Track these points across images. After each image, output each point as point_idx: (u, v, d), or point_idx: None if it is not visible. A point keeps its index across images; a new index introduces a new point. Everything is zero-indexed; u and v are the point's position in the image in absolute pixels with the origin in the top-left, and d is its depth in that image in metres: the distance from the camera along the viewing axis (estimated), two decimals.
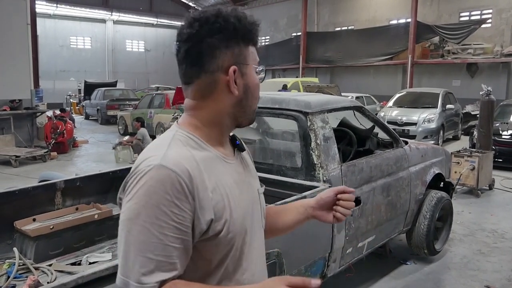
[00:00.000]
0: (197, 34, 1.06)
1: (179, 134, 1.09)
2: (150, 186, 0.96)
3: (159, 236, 0.95)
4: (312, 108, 3.20)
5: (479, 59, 17.86)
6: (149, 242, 0.95)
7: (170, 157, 1.00)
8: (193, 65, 1.08)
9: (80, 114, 22.11)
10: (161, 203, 0.95)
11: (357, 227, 3.29)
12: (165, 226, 0.95)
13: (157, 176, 0.97)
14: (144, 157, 1.03)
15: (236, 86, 1.09)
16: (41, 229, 3.04)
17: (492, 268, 4.31)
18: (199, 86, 1.10)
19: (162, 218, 0.95)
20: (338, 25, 24.41)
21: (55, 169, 8.74)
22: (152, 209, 0.95)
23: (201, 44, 1.06)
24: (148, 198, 0.96)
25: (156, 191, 0.96)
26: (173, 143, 1.06)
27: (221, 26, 1.06)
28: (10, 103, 10.82)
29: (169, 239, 0.96)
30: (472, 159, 6.95)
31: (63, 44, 30.45)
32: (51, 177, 4.41)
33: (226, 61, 1.07)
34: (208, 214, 1.01)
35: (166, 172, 0.97)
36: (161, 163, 0.98)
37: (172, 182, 0.97)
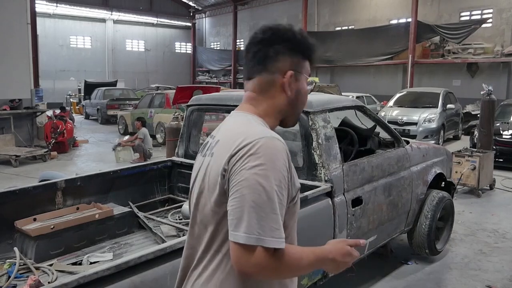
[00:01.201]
0: (268, 40, 1.29)
1: (255, 118, 1.29)
2: (272, 154, 1.14)
3: (281, 197, 1.13)
4: (313, 108, 3.19)
5: (480, 59, 17.85)
6: (277, 201, 1.11)
7: (270, 132, 1.21)
8: (259, 64, 1.30)
9: (80, 114, 22.10)
10: (282, 168, 1.14)
11: (359, 226, 3.29)
12: (284, 188, 1.14)
13: (275, 146, 1.15)
14: (247, 133, 1.19)
15: (290, 89, 1.30)
16: (41, 229, 3.03)
17: (493, 268, 4.30)
18: (259, 81, 1.32)
19: (283, 181, 1.14)
20: (338, 24, 24.40)
21: (55, 168, 8.73)
22: (277, 173, 1.13)
23: (270, 48, 1.29)
24: (273, 163, 1.13)
25: (278, 158, 1.14)
26: (258, 123, 1.26)
27: (289, 37, 1.30)
28: (10, 102, 10.80)
29: (284, 199, 1.15)
30: (473, 159, 6.94)
31: (63, 44, 30.43)
32: (52, 177, 4.42)
33: (286, 66, 1.30)
34: (297, 181, 1.24)
35: (279, 143, 1.17)
36: (273, 135, 1.18)
37: (286, 152, 1.18)
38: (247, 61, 1.34)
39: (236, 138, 1.19)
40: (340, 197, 3.10)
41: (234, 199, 1.11)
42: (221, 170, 1.17)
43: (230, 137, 1.22)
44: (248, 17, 29.85)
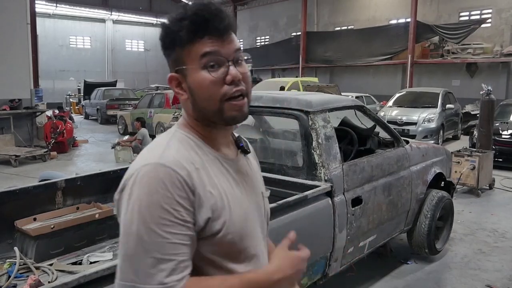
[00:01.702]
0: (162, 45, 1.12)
1: (178, 134, 1.09)
2: (150, 185, 0.95)
3: (165, 235, 0.93)
4: (313, 107, 3.19)
5: (479, 59, 17.87)
6: (156, 242, 0.93)
7: (168, 156, 1.00)
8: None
9: (79, 114, 22.10)
10: (163, 201, 0.94)
11: (358, 226, 3.29)
12: (170, 224, 0.94)
13: (156, 175, 0.96)
14: (142, 157, 1.03)
15: (182, 92, 1.09)
16: (41, 229, 3.03)
17: (493, 268, 4.31)
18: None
19: (165, 217, 0.94)
20: (337, 25, 24.41)
21: (55, 168, 8.73)
22: (155, 208, 0.94)
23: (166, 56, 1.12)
24: (150, 197, 0.94)
25: (157, 190, 0.94)
26: (172, 142, 1.05)
27: (161, 37, 1.09)
28: (10, 102, 10.80)
29: (176, 237, 0.95)
30: (472, 159, 6.95)
31: (63, 44, 30.45)
32: (52, 177, 4.41)
33: (172, 69, 1.10)
34: (206, 212, 1.00)
35: (165, 170, 0.96)
36: (159, 162, 0.98)
37: (172, 180, 0.96)
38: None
39: (135, 161, 1.05)
40: (340, 196, 3.11)
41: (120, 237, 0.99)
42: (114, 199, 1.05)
43: (136, 158, 1.08)
44: (248, 17, 29.87)
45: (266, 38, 29.11)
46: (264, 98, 3.48)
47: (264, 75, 26.90)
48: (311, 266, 2.93)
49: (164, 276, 0.92)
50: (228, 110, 1.05)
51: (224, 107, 1.05)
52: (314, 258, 2.94)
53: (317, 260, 2.98)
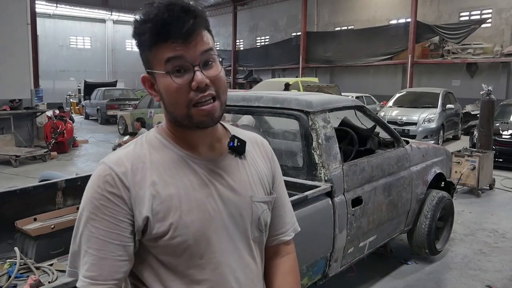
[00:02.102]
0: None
1: (149, 135, 1.11)
2: (90, 181, 1.02)
3: (91, 229, 0.98)
4: (313, 108, 3.19)
5: (479, 59, 17.86)
6: (83, 235, 0.99)
7: (114, 155, 1.05)
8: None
9: (80, 114, 22.10)
10: (93, 196, 0.99)
11: (359, 226, 3.29)
12: (97, 219, 0.98)
13: (95, 173, 1.02)
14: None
15: (155, 94, 1.08)
16: (42, 229, 3.03)
17: (493, 268, 4.31)
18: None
19: (94, 212, 0.98)
20: (338, 25, 24.41)
21: (55, 169, 8.73)
22: (87, 203, 1.00)
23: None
24: (86, 192, 1.02)
25: (92, 186, 1.01)
26: (134, 144, 1.09)
27: (134, 35, 1.05)
28: (10, 103, 10.80)
29: (102, 233, 0.98)
30: (472, 159, 6.95)
31: (63, 44, 30.48)
32: (52, 177, 4.41)
33: (145, 70, 1.08)
34: (144, 211, 0.99)
35: (103, 167, 1.01)
36: (103, 161, 1.04)
37: (105, 176, 0.99)
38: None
39: None
40: (340, 197, 3.11)
41: None
42: None
43: None
44: (248, 18, 29.87)
45: (266, 38, 29.10)
46: (264, 99, 3.48)
47: (264, 75, 26.97)
48: (311, 266, 2.93)
49: (85, 270, 0.98)
50: (196, 115, 1.02)
51: (192, 112, 1.02)
52: (314, 259, 2.95)
53: (317, 261, 2.98)
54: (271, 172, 1.24)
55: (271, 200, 1.21)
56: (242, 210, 1.11)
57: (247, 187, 1.14)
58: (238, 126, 5.12)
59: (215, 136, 1.13)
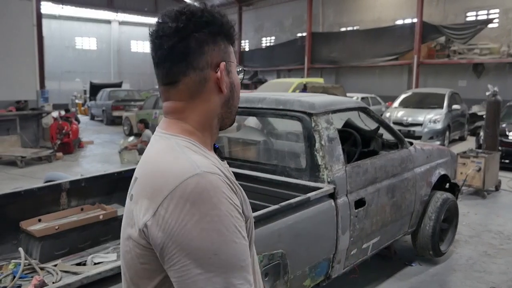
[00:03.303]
0: (184, 28, 0.97)
1: (181, 141, 0.99)
2: (210, 197, 0.86)
3: (243, 241, 0.89)
4: (316, 109, 3.19)
5: (486, 59, 17.76)
6: (240, 252, 0.88)
7: (201, 163, 0.92)
8: (180, 62, 0.99)
9: (85, 115, 22.20)
10: (229, 209, 0.88)
11: (362, 228, 3.28)
12: (241, 230, 0.90)
13: (208, 185, 0.87)
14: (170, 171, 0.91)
15: (225, 85, 1.04)
16: (46, 230, 3.05)
17: (498, 270, 4.29)
18: (187, 85, 1.00)
19: (237, 224, 0.89)
20: (343, 25, 24.37)
21: (60, 169, 8.78)
22: (226, 219, 0.87)
23: (189, 39, 0.97)
24: (217, 211, 0.86)
25: (220, 200, 0.87)
26: (186, 150, 0.96)
27: (208, 21, 0.99)
28: (16, 104, 10.88)
29: (246, 240, 0.91)
30: (478, 160, 6.91)
31: (69, 45, 30.64)
32: (57, 178, 4.43)
33: (215, 57, 1.01)
34: (246, 209, 0.99)
35: (213, 177, 0.89)
36: (202, 170, 0.89)
37: (224, 185, 0.90)
38: (160, 61, 1.01)
39: (156, 179, 0.91)
40: (343, 198, 3.10)
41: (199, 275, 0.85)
42: (142, 226, 0.90)
43: (148, 175, 0.95)
44: (253, 18, 29.89)
45: (272, 38, 29.09)
46: (267, 100, 3.48)
47: (269, 76, 26.95)
48: (314, 268, 2.93)
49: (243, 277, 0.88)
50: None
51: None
52: (317, 260, 2.94)
53: (320, 262, 2.98)
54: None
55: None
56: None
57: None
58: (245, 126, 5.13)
59: None
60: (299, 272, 2.76)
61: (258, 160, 3.89)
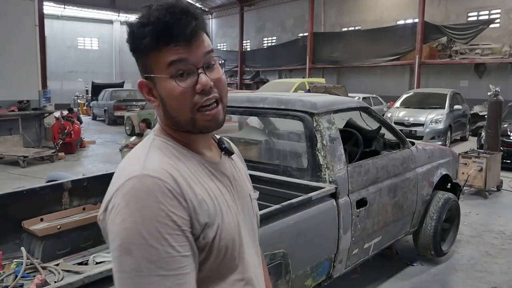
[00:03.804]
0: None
1: (157, 141, 1.03)
2: (140, 199, 0.88)
3: (166, 249, 0.87)
4: (318, 109, 3.20)
5: (487, 59, 17.74)
6: (157, 259, 0.86)
7: (151, 166, 0.94)
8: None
9: (87, 115, 22.24)
10: (158, 214, 0.87)
11: (363, 228, 3.28)
12: (169, 237, 0.88)
13: (143, 188, 0.89)
14: (123, 171, 0.96)
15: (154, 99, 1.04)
16: (48, 229, 3.06)
17: (499, 270, 4.28)
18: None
19: (163, 230, 0.87)
20: (345, 25, 24.35)
21: (62, 169, 8.79)
22: (150, 223, 0.87)
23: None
24: (143, 213, 0.87)
25: (149, 204, 0.88)
26: (151, 151, 0.99)
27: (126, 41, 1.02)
28: (18, 103, 10.91)
29: (177, 249, 0.88)
30: (479, 160, 6.91)
31: (71, 45, 30.67)
32: (59, 177, 4.44)
33: (142, 73, 1.03)
34: (203, 217, 0.94)
35: (152, 180, 0.90)
36: (144, 173, 0.91)
37: (162, 190, 0.89)
38: None
39: (118, 175, 0.96)
40: (344, 198, 3.11)
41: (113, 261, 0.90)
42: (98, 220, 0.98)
43: (117, 171, 0.99)
44: (255, 18, 29.89)
45: (273, 38, 29.08)
46: (269, 100, 3.49)
47: (271, 76, 26.96)
48: (316, 267, 2.94)
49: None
50: (201, 120, 1.01)
51: (196, 117, 1.00)
52: (318, 260, 2.95)
53: (322, 262, 2.98)
54: (246, 169, 1.28)
55: (257, 196, 1.25)
56: (249, 209, 1.15)
57: (244, 186, 1.16)
58: (248, 124, 5.12)
59: (211, 139, 1.14)
60: (301, 271, 2.77)
61: (260, 160, 3.90)
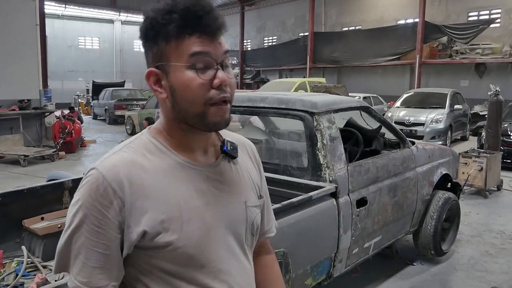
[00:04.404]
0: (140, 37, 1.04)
1: (143, 137, 1.05)
2: (80, 190, 0.97)
3: (85, 241, 0.95)
4: (318, 108, 3.20)
5: (488, 59, 17.73)
6: (78, 247, 0.96)
7: (108, 161, 0.98)
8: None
9: (88, 114, 22.25)
10: (84, 205, 0.94)
11: (364, 227, 3.29)
12: (87, 228, 0.94)
13: (88, 179, 0.96)
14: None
15: (161, 90, 1.01)
16: (49, 228, 3.06)
17: (499, 270, 4.29)
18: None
19: (85, 220, 0.94)
20: (345, 25, 24.35)
21: (63, 168, 8.80)
22: (76, 214, 0.95)
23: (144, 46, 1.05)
24: (75, 202, 0.97)
25: (83, 193, 0.95)
26: (126, 147, 1.02)
27: (141, 28, 1.02)
28: (19, 103, 10.91)
29: (90, 243, 0.95)
30: (480, 160, 6.90)
31: (72, 45, 30.68)
32: (59, 177, 4.45)
33: (150, 64, 1.02)
34: (143, 223, 0.95)
35: (96, 175, 0.95)
36: (95, 167, 0.97)
37: (97, 186, 0.94)
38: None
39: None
40: (344, 197, 3.11)
41: None
42: None
43: None
44: (255, 18, 29.88)
45: (274, 38, 29.08)
46: (270, 99, 3.49)
47: (271, 75, 26.97)
48: (316, 266, 2.94)
49: (76, 273, 0.96)
50: (212, 115, 0.99)
51: (208, 111, 0.98)
52: (318, 259, 2.95)
53: (322, 261, 2.99)
54: (259, 176, 1.24)
55: (261, 204, 1.20)
56: (238, 216, 1.10)
57: (241, 192, 1.12)
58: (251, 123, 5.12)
59: (210, 140, 1.10)
60: (301, 271, 2.77)
61: (260, 159, 3.89)
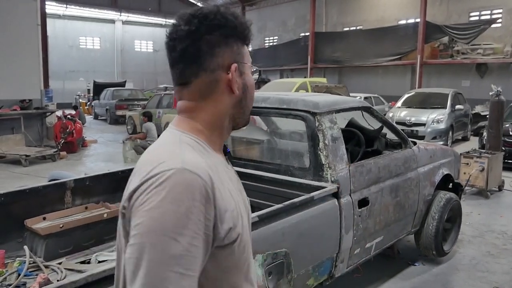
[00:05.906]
0: (196, 31, 1.01)
1: (185, 138, 1.01)
2: (176, 192, 0.87)
3: (189, 248, 0.86)
4: (320, 109, 3.20)
5: (489, 59, 17.72)
6: (179, 255, 0.85)
7: (191, 161, 0.92)
8: (192, 64, 1.03)
9: (89, 114, 22.26)
10: (189, 211, 0.86)
11: (365, 227, 3.29)
12: (195, 236, 0.87)
13: (182, 181, 0.88)
14: (158, 161, 0.93)
15: (237, 86, 1.06)
16: (51, 228, 3.07)
17: (501, 270, 4.28)
18: (199, 86, 1.04)
19: (191, 228, 0.86)
20: (346, 25, 24.34)
21: (64, 168, 8.81)
22: (181, 218, 0.86)
23: (200, 41, 1.01)
24: (175, 206, 0.86)
25: (184, 198, 0.87)
26: (184, 146, 0.98)
27: (220, 23, 1.03)
28: (20, 103, 10.92)
29: (198, 251, 0.88)
30: (481, 160, 6.90)
31: (73, 45, 30.68)
32: (61, 177, 4.45)
33: (226, 59, 1.04)
34: (227, 222, 0.94)
35: (192, 176, 0.89)
36: (184, 167, 0.90)
37: (200, 188, 0.89)
38: (174, 62, 1.06)
39: (147, 166, 0.94)
40: (346, 198, 3.11)
41: (131, 246, 0.88)
42: (121, 207, 0.96)
43: (142, 162, 0.99)
44: (256, 18, 29.85)
45: (275, 38, 29.08)
46: (271, 99, 3.49)
47: (272, 75, 26.91)
48: (317, 267, 2.94)
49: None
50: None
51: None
52: (320, 259, 2.95)
53: (323, 261, 2.99)
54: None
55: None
56: (249, 211, 1.16)
57: (242, 188, 1.17)
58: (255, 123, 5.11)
59: None
60: (303, 271, 2.77)
61: (262, 159, 3.90)
